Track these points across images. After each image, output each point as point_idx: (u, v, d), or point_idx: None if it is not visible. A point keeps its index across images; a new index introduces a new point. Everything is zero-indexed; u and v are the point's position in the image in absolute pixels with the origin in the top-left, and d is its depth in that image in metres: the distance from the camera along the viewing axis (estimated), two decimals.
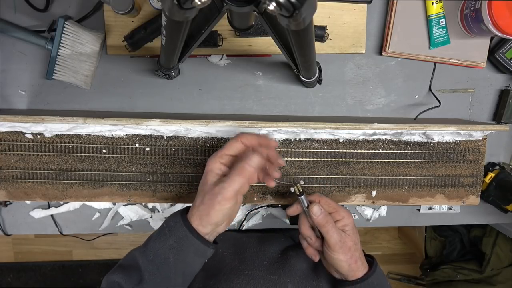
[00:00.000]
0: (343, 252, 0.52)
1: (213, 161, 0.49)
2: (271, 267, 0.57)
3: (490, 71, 0.74)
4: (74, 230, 0.75)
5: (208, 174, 0.49)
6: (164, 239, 0.48)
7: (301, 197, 0.54)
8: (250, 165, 0.46)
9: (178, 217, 0.49)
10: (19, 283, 1.76)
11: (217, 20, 0.45)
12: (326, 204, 0.54)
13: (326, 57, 0.70)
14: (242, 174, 0.46)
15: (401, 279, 1.78)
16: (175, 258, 0.47)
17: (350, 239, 0.53)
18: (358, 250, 0.53)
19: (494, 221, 0.80)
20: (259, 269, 0.57)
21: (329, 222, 0.52)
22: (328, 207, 0.54)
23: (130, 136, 0.64)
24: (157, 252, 0.48)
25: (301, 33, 0.40)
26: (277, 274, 0.56)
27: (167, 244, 0.48)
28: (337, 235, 0.52)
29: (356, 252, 0.53)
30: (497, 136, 0.75)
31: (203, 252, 0.49)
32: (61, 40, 0.64)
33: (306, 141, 0.65)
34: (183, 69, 0.70)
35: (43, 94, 0.70)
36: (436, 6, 0.67)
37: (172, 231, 0.48)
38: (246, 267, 0.56)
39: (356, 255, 0.53)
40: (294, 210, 0.57)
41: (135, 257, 0.49)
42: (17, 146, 0.63)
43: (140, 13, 0.65)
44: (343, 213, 0.54)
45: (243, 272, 0.55)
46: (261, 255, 0.60)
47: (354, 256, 0.52)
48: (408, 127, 0.62)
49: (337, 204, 0.55)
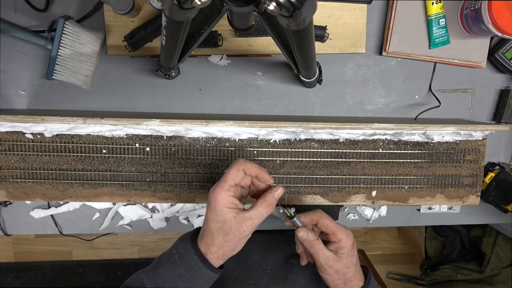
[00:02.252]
0: (329, 274, 0.51)
1: (222, 196, 0.46)
2: (275, 276, 0.57)
3: (490, 71, 0.74)
4: (74, 230, 0.75)
5: (223, 212, 0.46)
6: (174, 266, 0.48)
7: (293, 220, 0.53)
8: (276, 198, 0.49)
9: (188, 244, 0.48)
10: (19, 283, 1.76)
11: (217, 20, 0.45)
12: (324, 227, 0.52)
13: (326, 57, 0.70)
14: (271, 206, 0.48)
15: (401, 279, 1.78)
16: (184, 286, 0.47)
17: (339, 263, 0.51)
18: (350, 272, 0.52)
19: (494, 221, 0.80)
20: (262, 278, 0.56)
21: (314, 246, 0.51)
22: (326, 228, 0.52)
23: (130, 136, 0.64)
24: (166, 279, 0.47)
25: (301, 33, 0.40)
26: (281, 284, 0.56)
27: (177, 272, 0.47)
28: (324, 258, 0.51)
29: (347, 275, 0.52)
30: (497, 136, 0.75)
31: (212, 279, 0.49)
32: (61, 40, 0.64)
33: (306, 141, 0.65)
34: (183, 69, 0.70)
35: (43, 94, 0.70)
36: (436, 6, 0.67)
37: (183, 259, 0.48)
38: (249, 277, 0.56)
39: (347, 277, 0.51)
40: (289, 223, 0.55)
41: (142, 281, 0.48)
42: (17, 146, 0.63)
43: (140, 13, 0.65)
44: (340, 236, 0.51)
45: (247, 281, 0.55)
46: (264, 263, 0.60)
47: (343, 278, 0.51)
48: (408, 127, 0.62)
49: (337, 226, 0.52)
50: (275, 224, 0.77)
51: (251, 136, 0.65)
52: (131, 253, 1.79)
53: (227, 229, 0.46)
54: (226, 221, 0.46)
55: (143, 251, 1.79)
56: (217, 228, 0.46)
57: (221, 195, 0.46)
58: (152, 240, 1.78)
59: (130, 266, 1.77)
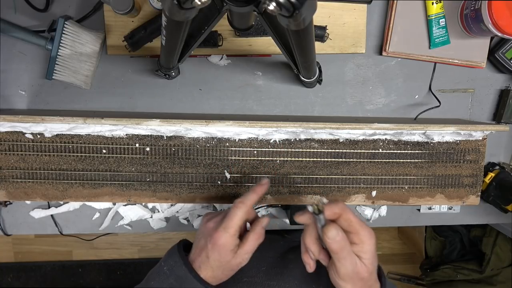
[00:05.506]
0: (353, 283, 0.43)
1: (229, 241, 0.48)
2: (270, 272, 0.57)
3: (490, 71, 0.74)
4: (74, 230, 0.75)
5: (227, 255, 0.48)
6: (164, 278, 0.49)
7: (319, 216, 0.43)
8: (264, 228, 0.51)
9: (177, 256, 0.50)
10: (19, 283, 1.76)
11: (217, 20, 0.45)
12: (347, 222, 0.43)
13: (326, 57, 0.70)
14: (262, 236, 0.50)
15: (401, 279, 1.78)
16: None
17: (365, 270, 0.43)
18: (372, 279, 0.45)
19: (494, 221, 0.80)
20: (257, 275, 0.56)
21: (344, 249, 0.41)
22: (348, 225, 0.43)
23: (130, 136, 0.64)
24: None
25: (301, 33, 0.40)
26: (276, 280, 0.55)
27: (167, 282, 0.49)
28: (351, 265, 0.42)
29: (369, 281, 0.45)
30: (497, 136, 0.75)
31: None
32: (61, 40, 0.64)
33: (306, 141, 0.65)
34: (183, 69, 0.70)
35: (43, 94, 0.70)
36: (436, 6, 0.67)
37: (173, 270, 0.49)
38: (244, 274, 0.56)
39: (369, 284, 0.45)
40: (304, 219, 0.46)
41: None
42: (17, 146, 0.63)
43: (140, 13, 0.65)
44: (364, 237, 0.43)
45: (241, 279, 0.55)
46: (260, 260, 0.60)
47: (366, 286, 0.44)
48: (408, 127, 0.62)
49: (360, 223, 0.43)
50: (275, 224, 0.77)
51: (251, 136, 0.65)
52: (131, 253, 1.79)
53: (227, 267, 0.49)
54: (227, 262, 0.48)
55: (143, 251, 1.79)
56: (218, 266, 0.49)
57: (228, 241, 0.48)
58: (152, 240, 1.78)
59: (130, 266, 1.78)
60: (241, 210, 0.48)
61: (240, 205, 0.49)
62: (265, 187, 0.52)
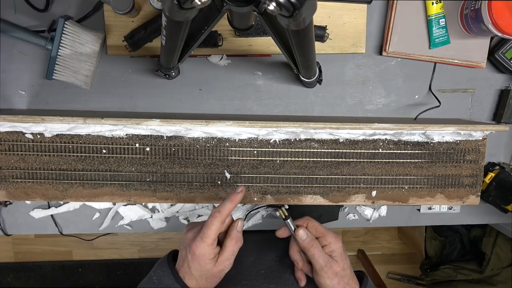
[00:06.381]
0: (329, 278, 0.51)
1: (207, 250, 0.49)
2: (269, 276, 0.57)
3: (490, 71, 0.74)
4: (74, 230, 0.75)
5: (207, 264, 0.49)
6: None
7: (287, 221, 0.54)
8: (240, 231, 0.52)
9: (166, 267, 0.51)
10: (19, 283, 1.76)
11: (217, 20, 0.45)
12: (313, 229, 0.53)
13: (326, 57, 0.70)
14: (239, 240, 0.51)
15: (401, 279, 1.78)
16: None
17: (337, 265, 0.51)
18: (347, 275, 0.52)
19: (494, 221, 0.80)
20: (256, 278, 0.57)
21: (314, 246, 0.51)
22: (315, 231, 0.53)
23: (130, 136, 0.64)
24: None
25: (301, 33, 0.40)
26: (274, 283, 0.56)
27: None
28: (323, 260, 0.51)
29: (345, 278, 0.52)
30: (497, 136, 0.75)
31: None
32: (61, 40, 0.64)
33: (306, 141, 0.65)
34: (183, 69, 0.70)
35: (43, 94, 0.70)
36: (436, 6, 0.67)
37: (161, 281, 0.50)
38: (243, 277, 0.56)
39: (345, 281, 0.52)
40: (283, 232, 0.56)
41: None
42: (17, 146, 0.63)
43: (140, 13, 0.65)
44: (330, 239, 0.53)
45: (240, 282, 0.55)
46: (259, 263, 0.60)
47: (342, 282, 0.51)
48: (408, 127, 0.62)
49: (325, 229, 0.54)
50: (275, 224, 0.77)
51: (251, 136, 0.65)
52: (131, 253, 1.79)
53: (210, 275, 0.50)
54: (208, 270, 0.49)
55: (143, 251, 1.79)
56: (200, 275, 0.49)
57: (206, 250, 0.49)
58: (152, 240, 1.78)
59: (130, 266, 1.78)
60: (217, 219, 0.49)
61: (217, 215, 0.49)
62: (241, 195, 0.52)
